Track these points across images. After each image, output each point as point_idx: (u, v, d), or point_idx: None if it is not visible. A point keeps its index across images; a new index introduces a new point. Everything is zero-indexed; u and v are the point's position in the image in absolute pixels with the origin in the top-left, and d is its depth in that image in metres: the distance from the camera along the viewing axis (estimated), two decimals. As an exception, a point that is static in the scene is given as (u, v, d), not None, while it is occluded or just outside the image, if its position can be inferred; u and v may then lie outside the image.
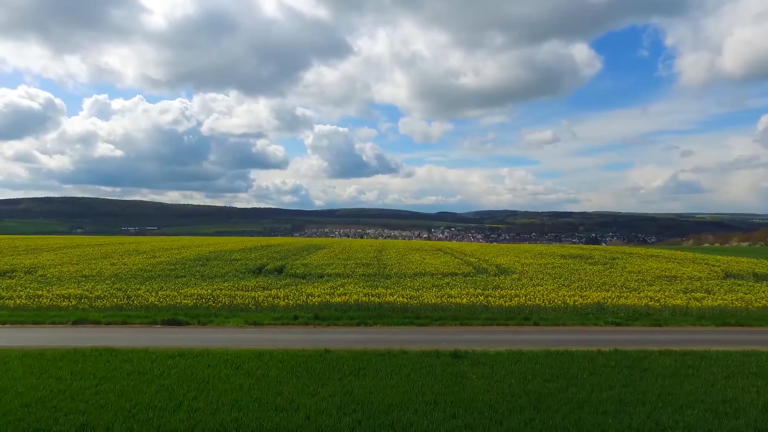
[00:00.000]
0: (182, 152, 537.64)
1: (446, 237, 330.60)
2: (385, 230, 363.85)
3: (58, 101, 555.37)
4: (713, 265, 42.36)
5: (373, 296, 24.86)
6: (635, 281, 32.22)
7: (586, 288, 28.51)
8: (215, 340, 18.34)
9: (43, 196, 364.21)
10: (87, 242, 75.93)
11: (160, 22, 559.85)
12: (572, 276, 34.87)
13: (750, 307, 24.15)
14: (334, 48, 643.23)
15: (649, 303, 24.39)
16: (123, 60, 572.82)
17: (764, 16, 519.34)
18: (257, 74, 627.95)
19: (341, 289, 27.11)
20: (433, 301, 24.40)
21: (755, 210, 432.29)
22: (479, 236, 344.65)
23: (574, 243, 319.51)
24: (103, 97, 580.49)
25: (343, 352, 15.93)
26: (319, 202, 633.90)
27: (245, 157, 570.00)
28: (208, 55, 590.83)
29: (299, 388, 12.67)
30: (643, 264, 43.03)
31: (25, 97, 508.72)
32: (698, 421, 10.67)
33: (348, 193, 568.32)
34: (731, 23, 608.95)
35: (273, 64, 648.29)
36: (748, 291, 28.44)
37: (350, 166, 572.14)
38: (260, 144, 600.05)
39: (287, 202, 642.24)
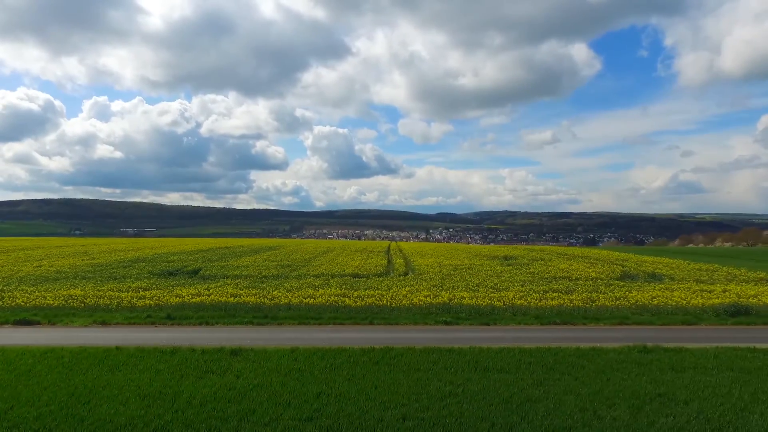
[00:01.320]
0: (182, 153, 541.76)
1: (444, 238, 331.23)
2: (384, 231, 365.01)
3: (57, 103, 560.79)
4: (619, 266, 43.34)
5: (237, 297, 26.12)
6: (518, 281, 33.26)
7: (471, 288, 29.54)
8: (35, 339, 19.62)
9: (43, 197, 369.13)
10: (55, 244, 77.68)
11: (157, 23, 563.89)
12: (472, 277, 35.95)
13: (588, 306, 25.18)
14: (333, 49, 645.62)
15: (495, 303, 25.46)
16: (121, 61, 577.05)
17: (764, 16, 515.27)
18: (256, 75, 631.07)
19: (219, 290, 28.38)
20: (294, 301, 25.65)
21: (756, 210, 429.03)
22: (477, 237, 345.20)
23: (572, 244, 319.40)
24: (102, 98, 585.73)
25: (132, 349, 17.17)
26: (319, 203, 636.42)
27: (245, 159, 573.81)
28: (206, 57, 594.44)
29: (51, 380, 13.95)
30: (556, 265, 43.99)
31: (24, 98, 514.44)
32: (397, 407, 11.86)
33: (348, 194, 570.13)
34: (731, 23, 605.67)
35: (271, 65, 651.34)
36: (616, 290, 29.47)
37: (350, 167, 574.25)
38: (260, 145, 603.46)
39: (288, 203, 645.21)
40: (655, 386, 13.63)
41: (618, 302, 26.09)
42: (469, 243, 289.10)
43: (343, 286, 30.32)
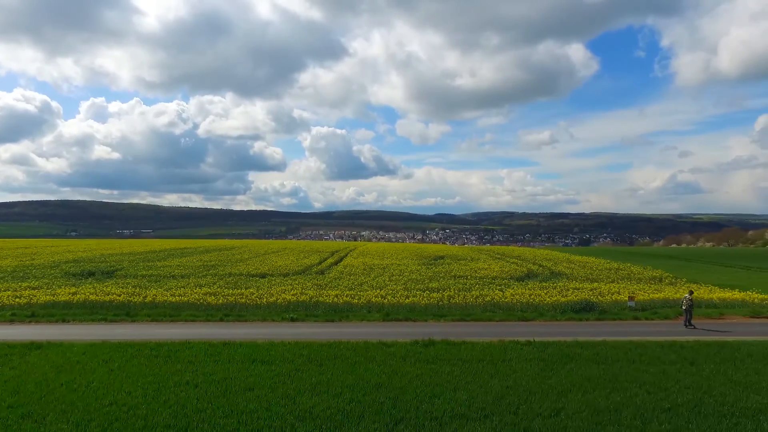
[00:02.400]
0: (180, 154, 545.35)
1: (439, 239, 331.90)
2: (380, 232, 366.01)
3: (54, 104, 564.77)
4: (537, 265, 44.18)
5: (110, 295, 27.19)
6: (413, 281, 34.20)
7: (375, 287, 30.47)
8: None
9: (40, 199, 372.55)
10: (21, 245, 79.17)
11: (153, 23, 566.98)
12: (382, 276, 36.90)
13: (443, 303, 26.12)
14: (329, 49, 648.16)
15: (352, 300, 26.43)
16: (117, 62, 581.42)
17: (760, 16, 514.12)
18: (253, 76, 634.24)
19: (104, 289, 29.46)
20: (160, 299, 26.74)
21: (754, 210, 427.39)
22: (473, 238, 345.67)
23: (567, 244, 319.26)
24: (100, 99, 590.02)
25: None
26: (317, 204, 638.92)
27: (243, 160, 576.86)
28: (202, 57, 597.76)
29: None
30: (475, 265, 44.88)
31: (21, 99, 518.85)
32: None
33: (347, 195, 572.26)
34: (727, 23, 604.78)
35: (268, 65, 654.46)
36: (495, 289, 30.38)
37: (348, 168, 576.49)
38: (258, 146, 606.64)
39: (286, 204, 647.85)
40: (382, 377, 14.57)
41: (477, 300, 26.97)
42: (464, 244, 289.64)
43: (228, 285, 31.36)
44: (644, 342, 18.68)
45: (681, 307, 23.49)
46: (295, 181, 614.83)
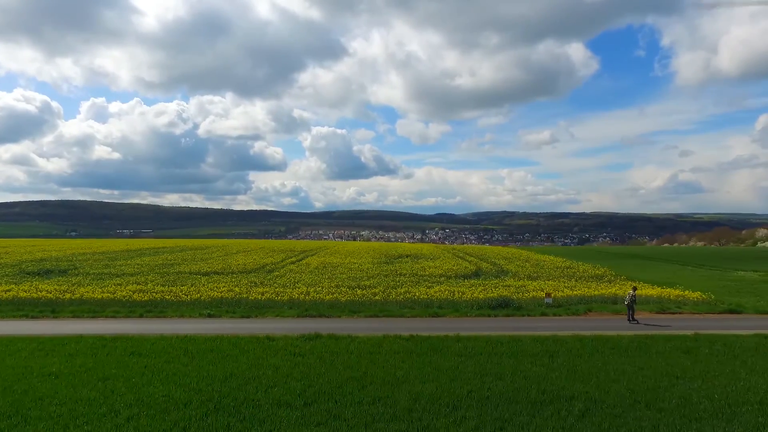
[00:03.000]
0: (180, 154, 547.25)
1: (439, 239, 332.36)
2: (380, 232, 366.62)
3: (54, 104, 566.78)
4: (490, 264, 44.71)
5: (42, 292, 28.00)
6: (352, 278, 34.87)
7: (310, 285, 31.27)
8: None
9: (41, 199, 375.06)
10: (5, 244, 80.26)
11: (152, 23, 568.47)
12: (331, 274, 37.65)
13: (358, 300, 26.80)
14: (329, 49, 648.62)
15: (276, 297, 27.12)
16: (116, 62, 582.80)
17: (760, 15, 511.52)
18: (252, 76, 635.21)
19: (35, 286, 30.23)
20: (98, 296, 27.51)
21: (755, 210, 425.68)
22: (472, 237, 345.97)
23: (566, 244, 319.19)
24: (100, 100, 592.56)
25: None
26: (318, 204, 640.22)
27: (243, 159, 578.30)
28: (202, 57, 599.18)
29: None
30: (431, 263, 45.49)
31: (21, 100, 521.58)
32: None
33: (347, 195, 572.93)
34: (727, 22, 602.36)
35: (268, 65, 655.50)
36: (435, 285, 30.98)
37: (349, 167, 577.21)
38: (258, 146, 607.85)
39: (287, 204, 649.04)
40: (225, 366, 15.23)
41: (399, 297, 27.59)
42: (463, 244, 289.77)
43: (166, 283, 32.12)
44: (522, 336, 19.25)
45: (624, 303, 23.95)
46: (296, 181, 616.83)
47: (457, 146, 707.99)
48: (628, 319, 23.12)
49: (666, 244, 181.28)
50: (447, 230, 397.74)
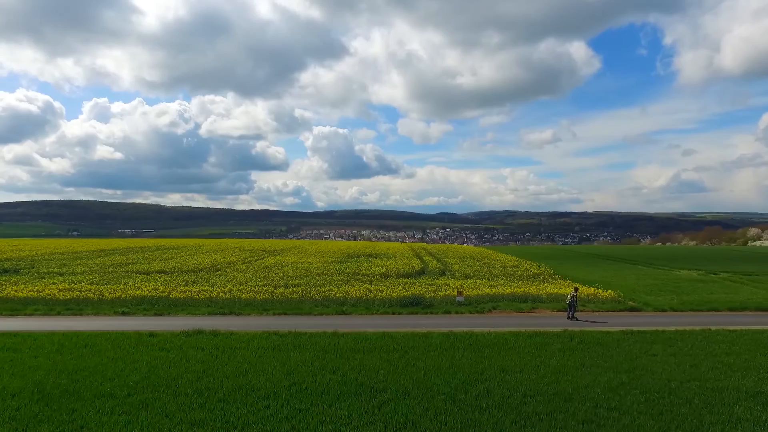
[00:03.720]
0: (182, 154, 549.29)
1: (439, 238, 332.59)
2: (381, 231, 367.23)
3: (57, 104, 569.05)
4: (437, 261, 45.28)
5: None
6: (287, 277, 35.59)
7: (239, 284, 32.06)
8: None
9: (44, 199, 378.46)
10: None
11: (152, 23, 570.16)
12: (269, 272, 38.43)
13: (281, 298, 27.60)
14: (329, 49, 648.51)
15: (195, 296, 27.93)
16: (117, 62, 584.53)
17: (763, 13, 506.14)
18: (253, 76, 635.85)
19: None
20: (23, 294, 28.45)
21: (759, 209, 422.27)
22: (473, 237, 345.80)
23: (566, 243, 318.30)
24: (103, 100, 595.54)
25: None
26: (320, 203, 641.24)
27: (245, 159, 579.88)
28: (202, 57, 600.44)
29: None
30: (382, 262, 46.13)
31: (23, 100, 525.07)
32: None
33: (350, 194, 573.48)
34: (730, 20, 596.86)
35: (269, 65, 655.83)
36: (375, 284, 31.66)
37: (351, 167, 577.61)
38: (260, 146, 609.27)
39: (289, 203, 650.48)
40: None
41: (315, 295, 28.29)
42: (463, 243, 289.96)
43: (102, 281, 33.02)
44: (398, 333, 19.86)
45: (566, 302, 24.67)
46: (298, 180, 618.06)
47: (458, 146, 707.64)
48: (568, 317, 23.84)
49: (659, 244, 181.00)
50: (448, 230, 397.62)
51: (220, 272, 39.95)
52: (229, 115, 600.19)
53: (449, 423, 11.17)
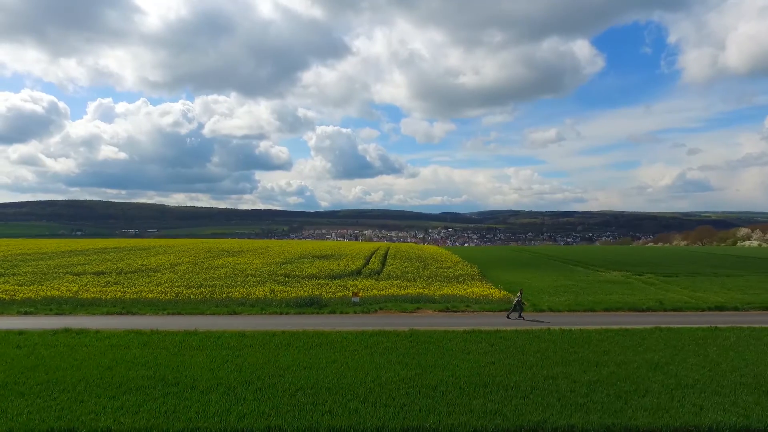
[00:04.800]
0: (186, 154, 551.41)
1: (441, 238, 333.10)
2: (383, 231, 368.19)
3: (61, 104, 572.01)
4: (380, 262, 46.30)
5: None
6: (212, 278, 36.72)
7: (153, 285, 33.32)
8: None
9: (49, 199, 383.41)
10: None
11: (155, 23, 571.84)
12: (196, 274, 39.67)
13: (183, 298, 28.79)
14: (332, 48, 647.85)
15: (102, 296, 29.18)
16: (120, 62, 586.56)
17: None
18: (256, 75, 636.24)
19: None
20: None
21: (765, 208, 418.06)
22: (474, 237, 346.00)
23: (568, 243, 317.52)
24: (107, 100, 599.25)
25: None
26: (324, 203, 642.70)
27: (249, 159, 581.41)
28: (205, 57, 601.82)
29: None
30: (324, 264, 47.17)
31: (28, 100, 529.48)
32: None
33: (353, 194, 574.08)
34: (735, 18, 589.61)
35: (271, 65, 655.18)
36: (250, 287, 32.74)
37: (354, 166, 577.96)
38: (263, 145, 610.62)
39: (293, 203, 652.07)
40: None
41: (230, 295, 29.39)
42: (464, 243, 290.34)
43: (17, 283, 34.38)
44: (256, 332, 20.89)
45: (513, 302, 25.94)
46: (302, 180, 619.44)
47: (462, 145, 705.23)
48: (508, 316, 25.09)
49: (650, 244, 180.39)
50: (450, 229, 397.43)
51: (159, 273, 41.10)
52: (232, 115, 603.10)
53: (203, 412, 12.31)
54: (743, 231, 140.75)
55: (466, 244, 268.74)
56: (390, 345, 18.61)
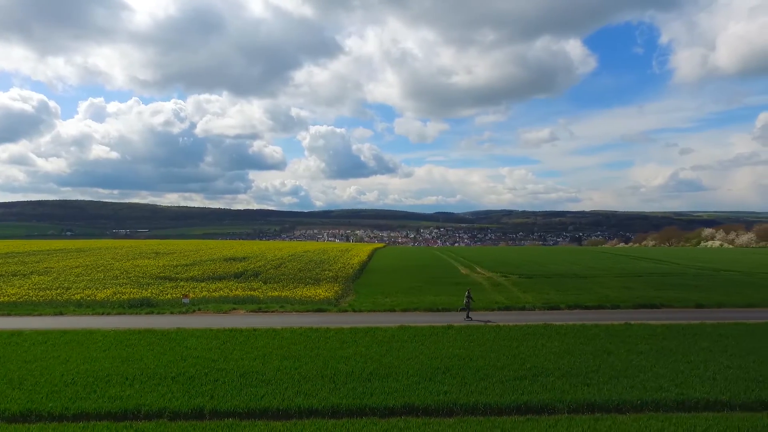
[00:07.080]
0: (178, 154, 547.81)
1: (432, 238, 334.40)
2: (375, 231, 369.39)
3: (51, 103, 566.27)
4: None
5: None
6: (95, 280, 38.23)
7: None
8: None
9: (41, 199, 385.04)
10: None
11: (143, 20, 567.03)
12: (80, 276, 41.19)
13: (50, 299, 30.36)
14: (323, 47, 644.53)
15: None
16: (108, 61, 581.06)
17: (758, 11, 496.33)
18: (247, 74, 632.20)
19: None
20: None
21: (757, 208, 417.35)
22: (465, 237, 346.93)
23: (557, 242, 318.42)
24: (99, 99, 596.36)
25: None
26: (319, 203, 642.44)
27: (242, 159, 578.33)
28: (195, 55, 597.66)
29: None
30: (223, 265, 48.72)
31: (17, 99, 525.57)
32: None
33: (348, 193, 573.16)
34: (725, 18, 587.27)
35: (262, 63, 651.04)
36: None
37: (348, 166, 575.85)
38: (256, 145, 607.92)
39: (287, 203, 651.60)
40: None
41: (81, 296, 30.92)
42: (455, 243, 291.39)
43: None
44: (95, 329, 22.46)
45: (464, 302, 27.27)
46: (296, 180, 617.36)
47: (456, 145, 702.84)
48: (466, 314, 26.54)
49: (621, 244, 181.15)
50: (442, 229, 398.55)
51: (36, 275, 42.21)
52: (225, 114, 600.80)
53: None
54: (707, 231, 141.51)
55: (456, 244, 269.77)
56: (151, 341, 20.28)
